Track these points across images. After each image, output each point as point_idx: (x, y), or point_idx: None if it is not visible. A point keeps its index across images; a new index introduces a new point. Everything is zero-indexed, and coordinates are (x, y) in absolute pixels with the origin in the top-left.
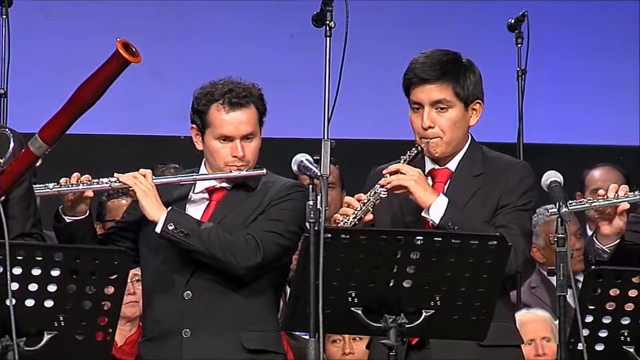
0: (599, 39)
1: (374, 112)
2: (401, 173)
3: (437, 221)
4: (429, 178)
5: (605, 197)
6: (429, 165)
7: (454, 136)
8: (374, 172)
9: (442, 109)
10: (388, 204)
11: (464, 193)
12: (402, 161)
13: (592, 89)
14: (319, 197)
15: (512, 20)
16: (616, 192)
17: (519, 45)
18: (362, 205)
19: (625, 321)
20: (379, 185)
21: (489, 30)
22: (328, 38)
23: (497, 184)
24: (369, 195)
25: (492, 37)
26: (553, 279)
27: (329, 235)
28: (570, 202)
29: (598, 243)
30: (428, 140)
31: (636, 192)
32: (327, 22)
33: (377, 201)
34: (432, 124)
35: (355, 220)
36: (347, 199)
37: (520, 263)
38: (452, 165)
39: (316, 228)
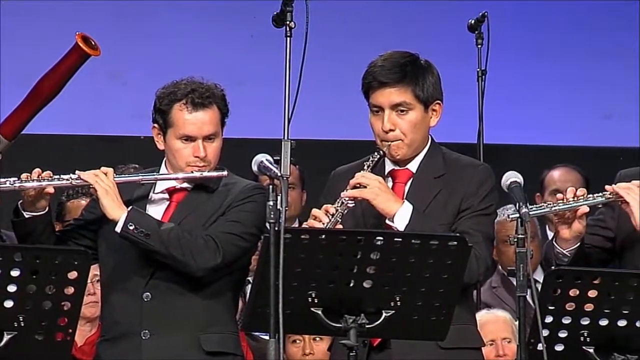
0: (558, 39)
1: (335, 113)
2: (363, 186)
3: (401, 229)
4: (389, 179)
5: (565, 200)
6: (389, 166)
7: (415, 138)
8: (333, 175)
9: (402, 111)
10: (350, 209)
11: (425, 195)
12: (365, 168)
13: (551, 89)
14: (279, 198)
15: (473, 21)
16: (575, 195)
17: (479, 46)
18: (330, 217)
19: (585, 321)
20: (344, 196)
21: (449, 31)
22: (288, 38)
23: (459, 186)
24: (337, 206)
25: (452, 38)
26: (514, 280)
27: (289, 235)
28: (530, 207)
29: (558, 247)
30: (389, 143)
31: (595, 195)
32: (287, 22)
33: (345, 211)
34: (392, 126)
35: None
36: (315, 211)
37: (482, 271)
38: (413, 166)
39: (276, 228)
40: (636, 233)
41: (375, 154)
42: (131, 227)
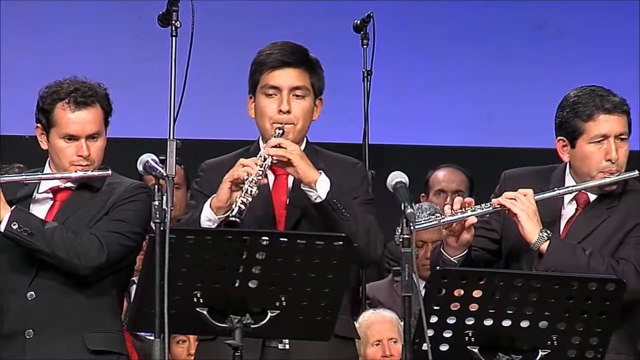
0: (443, 40)
1: (220, 113)
2: (282, 147)
3: (323, 196)
4: (270, 172)
5: (453, 212)
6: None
7: (304, 126)
8: (207, 167)
9: (298, 96)
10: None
11: None
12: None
13: (436, 90)
14: (164, 198)
15: (358, 21)
16: (463, 205)
17: (365, 46)
18: (259, 168)
19: (470, 321)
20: (266, 154)
21: (335, 31)
22: (174, 38)
23: (344, 181)
24: (261, 161)
25: (338, 38)
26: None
27: (174, 235)
28: (419, 220)
29: (445, 254)
30: (282, 125)
31: (483, 205)
32: (173, 22)
33: (269, 167)
34: (290, 108)
35: (260, 178)
36: (244, 160)
37: (379, 251)
38: None
39: (161, 228)
40: (522, 241)
41: (278, 130)
42: (15, 227)
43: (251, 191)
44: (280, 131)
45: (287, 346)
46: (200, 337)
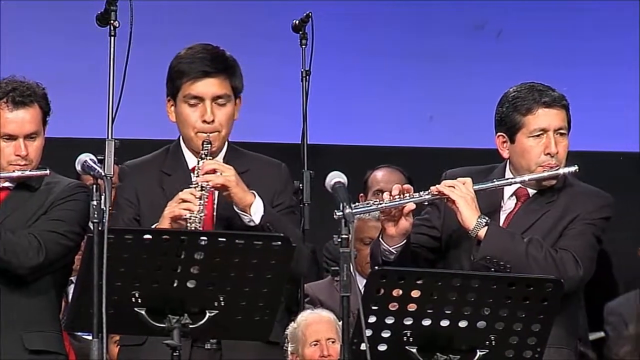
0: (383, 40)
1: (159, 112)
2: (217, 170)
3: (257, 221)
4: (192, 174)
5: (391, 198)
6: (191, 161)
7: (228, 131)
8: (129, 168)
9: (221, 103)
10: None
11: None
12: (203, 157)
13: (376, 90)
14: (102, 197)
15: (297, 21)
16: (401, 192)
17: (304, 47)
18: (199, 200)
19: (408, 321)
20: (202, 181)
21: (273, 31)
22: (112, 37)
23: (265, 184)
24: (200, 191)
25: (277, 38)
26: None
27: (113, 235)
28: (357, 204)
29: (384, 244)
30: (208, 134)
31: (421, 193)
32: (112, 21)
33: (207, 195)
34: (215, 117)
35: (202, 215)
36: (183, 195)
37: (307, 267)
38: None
39: (100, 228)
40: (461, 232)
41: (206, 143)
42: None
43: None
44: (208, 145)
45: (215, 346)
46: (121, 343)
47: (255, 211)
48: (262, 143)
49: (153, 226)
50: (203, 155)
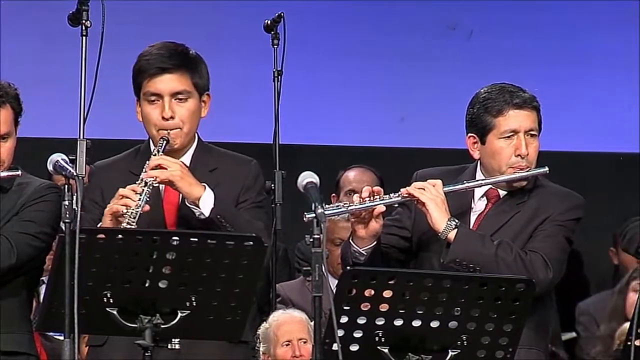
0: (355, 41)
1: (130, 112)
2: (163, 168)
3: (207, 214)
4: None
5: (361, 199)
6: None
7: (192, 127)
8: (96, 169)
9: (181, 99)
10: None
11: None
12: (155, 153)
13: (348, 91)
14: (74, 197)
15: (269, 21)
16: (371, 195)
17: (275, 47)
18: (139, 196)
19: (380, 322)
20: (147, 177)
21: (245, 31)
22: (84, 37)
23: (234, 181)
24: (142, 186)
25: (249, 38)
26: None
27: (84, 235)
28: (327, 206)
29: (354, 246)
30: (168, 131)
31: (391, 195)
32: (83, 21)
33: (150, 191)
34: (173, 114)
35: (139, 210)
36: (123, 191)
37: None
38: (186, 159)
39: (72, 228)
40: (432, 232)
41: (162, 139)
42: None
43: (130, 225)
44: (164, 141)
45: (177, 346)
46: (90, 343)
47: (205, 204)
48: (234, 143)
49: (98, 225)
50: (155, 152)
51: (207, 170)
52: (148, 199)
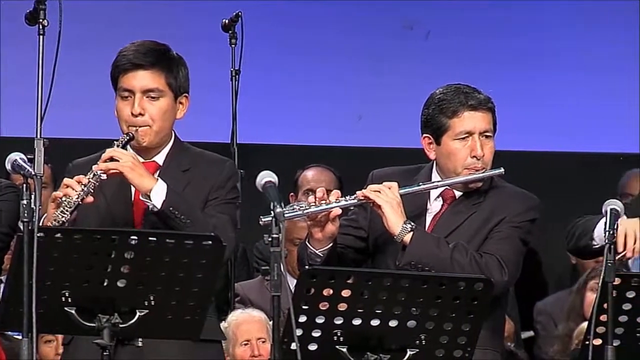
0: (312, 39)
1: (88, 111)
2: (115, 160)
3: (159, 206)
4: None
5: (317, 202)
6: None
7: (163, 126)
8: (73, 167)
9: (153, 97)
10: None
11: (174, 187)
12: (115, 146)
13: (305, 89)
14: (32, 197)
15: (226, 21)
16: (327, 196)
17: (233, 46)
18: (83, 186)
19: (339, 321)
20: (97, 169)
21: (203, 31)
22: (41, 36)
23: (207, 180)
24: (89, 177)
25: (206, 37)
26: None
27: (43, 234)
28: (285, 209)
29: (311, 247)
30: (137, 128)
31: (347, 197)
32: (40, 20)
33: (97, 183)
34: (142, 111)
35: (79, 200)
36: (67, 180)
37: (227, 254)
38: (159, 159)
39: (30, 227)
40: (388, 234)
41: (125, 135)
42: None
43: (62, 215)
44: (127, 137)
45: (140, 344)
46: (63, 342)
47: (156, 196)
48: (192, 142)
49: (44, 217)
50: (115, 145)
51: (179, 170)
52: (92, 191)
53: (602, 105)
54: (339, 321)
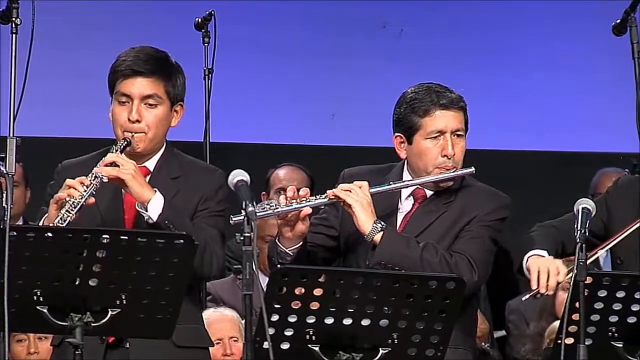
0: (285, 38)
1: (60, 110)
2: (116, 165)
3: (155, 218)
4: None
5: (287, 201)
6: None
7: (158, 134)
8: (62, 168)
9: (151, 105)
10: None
11: (163, 193)
12: (113, 151)
13: (278, 88)
14: (4, 195)
15: (199, 19)
16: (297, 195)
17: (206, 45)
18: (85, 187)
19: (311, 320)
20: (99, 172)
21: (175, 29)
22: (14, 35)
23: (196, 189)
24: (91, 179)
25: (179, 36)
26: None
27: (14, 233)
28: (255, 208)
29: (281, 246)
30: (132, 134)
31: (317, 196)
32: (13, 19)
33: (98, 185)
34: (140, 118)
35: (83, 201)
36: (70, 181)
37: (215, 268)
38: (150, 164)
39: (1, 226)
40: (358, 233)
41: (123, 141)
42: None
43: (67, 215)
44: (125, 142)
45: (127, 345)
46: (52, 344)
47: (153, 208)
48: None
49: (45, 216)
50: (114, 150)
51: (169, 177)
52: (94, 193)
53: (573, 104)
54: (311, 320)
